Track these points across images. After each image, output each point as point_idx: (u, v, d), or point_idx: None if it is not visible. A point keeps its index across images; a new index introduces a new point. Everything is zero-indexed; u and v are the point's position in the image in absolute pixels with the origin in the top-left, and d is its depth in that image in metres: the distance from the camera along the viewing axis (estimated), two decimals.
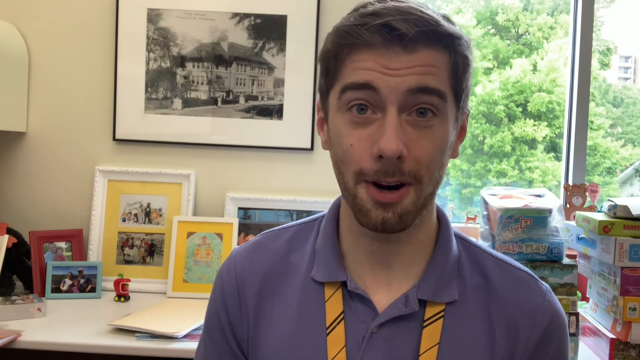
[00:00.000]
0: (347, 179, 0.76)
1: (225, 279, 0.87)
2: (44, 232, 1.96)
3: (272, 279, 0.85)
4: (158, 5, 2.06)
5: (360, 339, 0.78)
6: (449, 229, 0.84)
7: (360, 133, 0.73)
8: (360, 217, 0.76)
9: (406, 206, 0.74)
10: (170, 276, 1.93)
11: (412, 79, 0.71)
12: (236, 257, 0.89)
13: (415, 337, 0.77)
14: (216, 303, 0.88)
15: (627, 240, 1.44)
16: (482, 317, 0.80)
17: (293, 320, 0.81)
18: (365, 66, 0.72)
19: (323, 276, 0.81)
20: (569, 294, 1.48)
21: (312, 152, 2.09)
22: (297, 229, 0.89)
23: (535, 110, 3.06)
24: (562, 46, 3.04)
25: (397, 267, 0.80)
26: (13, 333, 1.49)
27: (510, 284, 0.82)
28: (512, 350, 0.79)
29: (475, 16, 3.16)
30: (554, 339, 0.80)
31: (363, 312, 0.79)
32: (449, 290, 0.79)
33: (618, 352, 1.46)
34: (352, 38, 0.72)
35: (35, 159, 2.10)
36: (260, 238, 0.90)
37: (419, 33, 0.70)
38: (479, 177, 3.02)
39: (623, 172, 3.39)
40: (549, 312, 0.81)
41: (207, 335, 0.89)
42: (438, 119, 0.73)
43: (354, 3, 0.77)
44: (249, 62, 2.07)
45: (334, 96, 0.77)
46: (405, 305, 0.78)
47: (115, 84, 2.07)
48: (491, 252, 0.86)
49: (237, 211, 2.05)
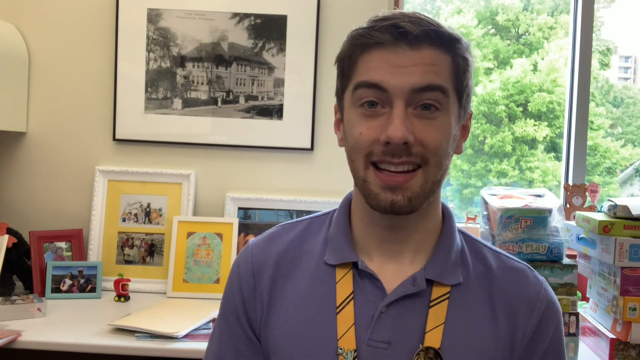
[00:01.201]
0: (358, 165, 0.82)
1: (242, 265, 0.92)
2: (44, 232, 1.96)
3: (286, 264, 0.90)
4: (158, 5, 2.06)
5: (369, 318, 0.82)
6: (453, 221, 0.91)
7: (370, 123, 0.80)
8: (370, 201, 0.82)
9: (415, 189, 0.80)
10: (170, 276, 1.93)
11: (417, 78, 0.78)
12: (252, 246, 0.94)
13: (422, 316, 0.82)
14: (232, 289, 0.92)
15: (627, 240, 1.44)
16: (485, 301, 0.85)
17: (305, 301, 0.86)
18: (376, 65, 0.80)
19: (335, 259, 0.87)
20: (569, 294, 1.48)
21: (312, 152, 2.09)
22: (310, 221, 0.95)
23: (535, 110, 3.06)
24: (563, 46, 3.03)
25: (405, 254, 0.86)
26: (13, 333, 1.49)
27: (510, 274, 0.88)
28: (512, 334, 0.84)
29: (476, 16, 3.16)
30: (551, 324, 0.86)
31: (372, 292, 0.84)
32: (454, 274, 0.85)
33: (618, 352, 1.46)
34: (364, 38, 0.81)
35: (35, 159, 2.10)
36: (275, 230, 0.96)
37: (423, 32, 0.79)
38: (479, 177, 3.02)
39: (623, 172, 3.38)
40: (546, 299, 0.87)
41: (222, 320, 0.93)
42: (441, 112, 0.80)
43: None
44: (249, 62, 2.07)
45: (348, 94, 0.85)
46: (413, 284, 0.83)
47: (115, 84, 2.07)
48: (490, 246, 0.93)
49: (237, 211, 2.05)
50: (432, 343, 0.80)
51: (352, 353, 0.80)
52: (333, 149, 2.08)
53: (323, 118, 2.08)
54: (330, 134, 2.08)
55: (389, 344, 0.81)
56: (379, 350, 0.81)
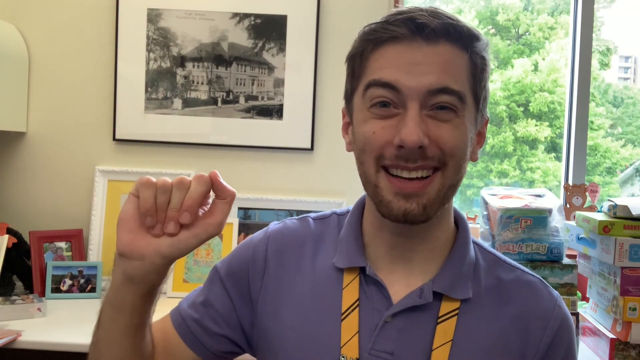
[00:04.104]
0: (368, 168, 0.78)
1: (258, 245, 0.90)
2: (44, 232, 1.96)
3: (298, 256, 0.87)
4: (158, 5, 2.06)
5: (373, 326, 0.80)
6: (467, 232, 0.86)
7: (383, 123, 0.76)
8: (381, 209, 0.78)
9: (431, 195, 0.76)
10: (170, 276, 1.93)
11: (432, 78, 0.74)
12: (271, 233, 0.91)
13: (429, 332, 0.79)
14: (241, 255, 0.90)
15: (627, 240, 1.44)
16: (495, 318, 0.81)
17: (310, 301, 0.84)
18: (389, 63, 0.75)
19: (344, 262, 0.84)
20: (569, 294, 1.48)
21: (312, 152, 2.08)
22: (324, 221, 0.92)
23: (536, 110, 3.06)
24: (564, 46, 3.03)
25: (415, 263, 0.83)
26: (13, 333, 1.49)
27: (523, 288, 0.84)
28: (523, 352, 0.81)
29: (476, 16, 3.15)
30: (564, 342, 0.83)
31: (378, 300, 0.81)
32: (463, 288, 0.81)
33: (618, 352, 1.46)
34: (378, 33, 0.76)
35: (35, 159, 2.10)
36: (290, 222, 0.93)
37: (441, 25, 0.74)
38: (480, 178, 3.02)
39: (623, 172, 3.38)
40: (560, 316, 0.83)
41: (213, 278, 0.91)
42: (456, 114, 0.76)
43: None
44: (249, 62, 2.07)
45: (358, 94, 0.80)
46: (420, 296, 0.80)
47: (115, 84, 2.07)
48: (505, 259, 0.89)
49: (237, 211, 2.05)
50: None
51: None
52: (333, 149, 2.08)
53: (323, 118, 2.08)
54: (330, 134, 2.08)
55: (392, 354, 0.78)
56: None
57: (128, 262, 0.74)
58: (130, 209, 0.73)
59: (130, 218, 0.73)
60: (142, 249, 0.73)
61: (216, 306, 0.88)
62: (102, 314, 0.79)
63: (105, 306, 0.79)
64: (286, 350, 0.83)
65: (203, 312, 0.88)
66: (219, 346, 0.87)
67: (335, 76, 2.06)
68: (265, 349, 0.86)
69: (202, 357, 0.87)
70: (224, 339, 0.87)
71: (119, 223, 0.74)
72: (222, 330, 0.87)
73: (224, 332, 0.87)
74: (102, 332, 0.80)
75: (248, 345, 0.89)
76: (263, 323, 0.86)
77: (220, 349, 0.88)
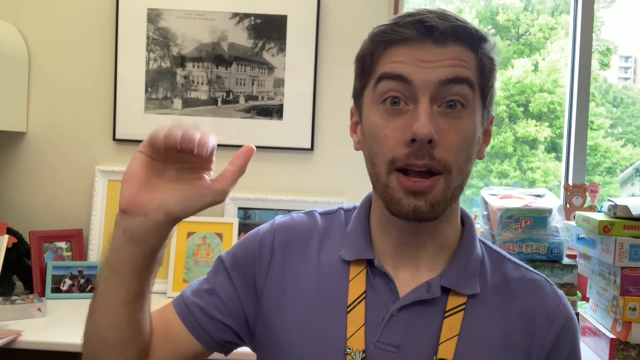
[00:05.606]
0: (380, 170, 0.78)
1: (265, 236, 0.91)
2: (44, 232, 1.96)
3: (304, 249, 0.88)
4: (158, 5, 2.06)
5: (379, 319, 0.80)
6: (473, 230, 0.88)
7: (394, 123, 0.77)
8: (391, 207, 0.78)
9: (437, 195, 0.77)
10: (170, 276, 1.93)
11: (443, 71, 0.75)
12: (277, 226, 0.92)
13: (435, 326, 0.80)
14: (247, 245, 0.91)
15: (627, 240, 1.44)
16: (501, 315, 0.82)
17: (315, 294, 0.84)
18: (400, 59, 0.77)
19: (351, 255, 0.84)
20: (569, 294, 1.48)
21: (312, 152, 2.08)
22: (330, 216, 0.92)
23: (536, 110, 3.06)
24: (564, 46, 3.03)
25: (422, 259, 0.84)
26: (13, 333, 1.49)
27: (528, 287, 0.85)
28: (528, 350, 0.81)
29: (476, 16, 3.15)
30: (569, 340, 0.84)
31: (385, 293, 0.82)
32: (471, 283, 0.82)
33: (618, 352, 1.46)
34: (388, 35, 0.78)
35: (35, 159, 2.10)
36: (297, 216, 0.93)
37: (450, 27, 0.76)
38: (480, 178, 3.02)
39: (623, 172, 3.38)
40: (565, 315, 0.84)
41: (218, 268, 0.91)
42: (466, 111, 0.77)
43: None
44: (249, 62, 2.07)
45: (368, 91, 0.81)
46: (427, 290, 0.81)
47: (115, 84, 2.07)
48: (511, 258, 0.89)
49: (237, 211, 2.05)
50: (445, 355, 0.78)
51: (361, 354, 0.79)
52: (333, 149, 2.08)
53: (323, 118, 2.08)
54: (330, 134, 2.08)
55: (398, 348, 0.79)
56: (388, 353, 0.79)
57: (130, 219, 0.74)
58: (137, 165, 0.74)
59: (136, 173, 0.74)
60: (146, 203, 0.73)
61: (221, 295, 0.88)
62: (100, 279, 0.79)
63: (104, 270, 0.78)
64: (290, 343, 0.83)
65: (208, 300, 0.88)
66: (221, 334, 0.87)
67: (335, 76, 2.06)
68: (269, 340, 0.86)
69: (204, 343, 0.87)
70: (226, 327, 0.87)
71: (124, 178, 0.74)
72: (226, 319, 0.87)
73: (227, 322, 0.87)
74: (99, 300, 0.80)
75: (249, 337, 0.89)
76: (267, 315, 0.86)
77: (222, 337, 0.88)
